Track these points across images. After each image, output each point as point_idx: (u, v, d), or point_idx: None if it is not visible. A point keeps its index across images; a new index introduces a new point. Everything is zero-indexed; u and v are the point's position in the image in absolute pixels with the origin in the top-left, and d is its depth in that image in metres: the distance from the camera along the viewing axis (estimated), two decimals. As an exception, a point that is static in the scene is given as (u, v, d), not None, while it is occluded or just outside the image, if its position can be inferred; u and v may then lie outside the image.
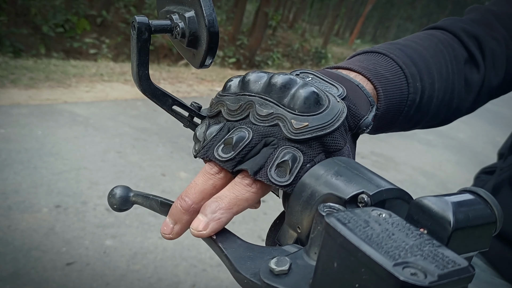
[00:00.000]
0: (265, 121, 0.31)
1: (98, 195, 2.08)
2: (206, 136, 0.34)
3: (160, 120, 3.24)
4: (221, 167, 0.31)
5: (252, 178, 0.30)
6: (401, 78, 0.43)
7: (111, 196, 0.34)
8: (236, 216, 0.32)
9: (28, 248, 1.63)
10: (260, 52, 8.60)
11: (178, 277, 1.68)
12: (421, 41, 0.50)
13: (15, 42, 5.31)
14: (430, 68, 0.47)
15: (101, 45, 6.29)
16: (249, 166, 0.30)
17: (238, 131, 0.31)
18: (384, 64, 0.43)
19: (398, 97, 0.42)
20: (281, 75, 0.32)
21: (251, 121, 0.32)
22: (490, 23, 0.55)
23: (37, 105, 3.05)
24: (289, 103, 0.31)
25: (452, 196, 0.25)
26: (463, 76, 0.51)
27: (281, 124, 0.31)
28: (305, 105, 0.31)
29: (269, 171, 0.30)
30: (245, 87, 0.33)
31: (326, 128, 0.31)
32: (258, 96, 0.32)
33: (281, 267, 0.24)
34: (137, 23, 0.31)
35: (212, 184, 0.31)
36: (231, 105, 0.33)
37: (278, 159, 0.30)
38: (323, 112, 0.31)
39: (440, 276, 0.17)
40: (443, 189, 3.40)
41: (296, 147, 0.30)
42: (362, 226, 0.20)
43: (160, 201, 0.34)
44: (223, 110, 0.34)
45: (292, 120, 0.30)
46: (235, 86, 0.34)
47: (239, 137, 0.31)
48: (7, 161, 2.19)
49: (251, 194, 0.30)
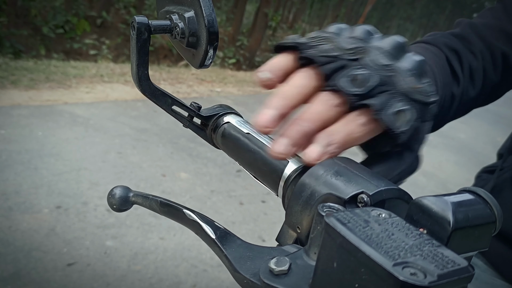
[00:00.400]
0: (384, 71, 0.31)
1: (99, 196, 2.08)
2: (319, 49, 0.32)
3: (160, 121, 3.24)
4: (345, 101, 0.31)
5: (369, 117, 0.30)
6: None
7: (110, 196, 0.34)
8: (236, 216, 0.32)
9: (29, 248, 1.63)
10: (260, 52, 8.60)
11: (179, 278, 1.68)
12: (421, 50, 0.51)
13: (15, 43, 5.31)
14: (436, 77, 0.48)
15: (101, 46, 6.29)
16: (373, 102, 0.30)
17: (364, 71, 0.31)
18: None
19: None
20: (395, 36, 0.33)
21: (369, 64, 0.31)
22: (467, 37, 0.56)
23: (38, 106, 3.05)
24: (403, 64, 0.32)
25: (451, 196, 0.25)
26: (449, 88, 0.53)
27: (398, 78, 0.31)
28: (418, 70, 0.32)
29: (389, 114, 0.30)
30: (357, 35, 0.33)
31: (431, 97, 0.32)
32: (373, 46, 0.32)
33: (280, 267, 0.24)
34: (137, 23, 0.31)
35: (333, 115, 0.31)
36: (344, 44, 0.32)
37: (398, 107, 0.30)
38: (428, 82, 0.32)
39: (439, 276, 0.17)
40: (443, 189, 3.40)
41: (411, 103, 0.31)
42: (362, 226, 0.20)
43: (160, 201, 0.34)
44: (328, 45, 0.32)
45: (409, 77, 0.31)
46: (341, 30, 0.34)
47: (368, 76, 0.30)
48: (7, 162, 2.20)
49: (365, 133, 0.30)
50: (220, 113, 0.40)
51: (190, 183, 2.43)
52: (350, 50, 0.32)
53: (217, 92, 4.79)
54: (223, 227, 0.31)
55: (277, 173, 0.33)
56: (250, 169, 0.36)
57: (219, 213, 2.19)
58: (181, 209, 0.32)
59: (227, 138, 0.39)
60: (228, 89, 5.09)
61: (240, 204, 2.32)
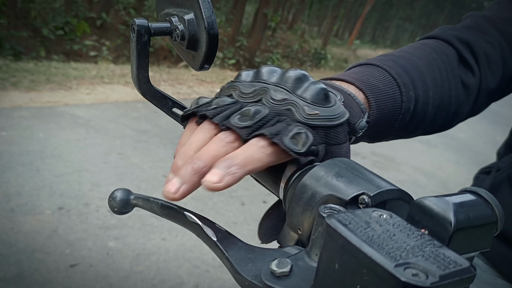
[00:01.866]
0: (278, 105, 0.33)
1: (100, 197, 2.08)
2: (215, 102, 0.34)
3: (161, 122, 3.24)
4: (238, 136, 0.32)
5: (268, 141, 0.31)
6: (394, 88, 0.45)
7: (111, 199, 0.34)
8: (237, 217, 0.32)
9: (31, 250, 1.63)
10: (260, 53, 8.60)
11: (181, 278, 1.68)
12: (414, 51, 0.52)
13: (15, 45, 5.32)
14: (424, 76, 0.49)
15: (101, 47, 6.29)
16: (267, 131, 0.31)
17: (255, 106, 0.33)
18: (377, 75, 0.45)
19: (391, 106, 0.45)
20: (295, 69, 0.35)
21: (264, 104, 0.34)
22: (482, 28, 0.57)
23: (38, 108, 3.05)
24: (302, 94, 0.34)
25: (452, 197, 0.25)
26: (459, 81, 0.53)
27: (294, 109, 0.33)
28: (317, 97, 0.34)
29: (285, 138, 0.31)
30: (260, 76, 0.36)
31: (333, 120, 0.34)
32: (272, 84, 0.35)
33: (282, 269, 0.24)
34: (137, 26, 0.31)
35: (225, 151, 0.31)
36: (245, 89, 0.35)
37: (293, 131, 0.32)
38: (331, 107, 0.34)
39: (441, 277, 0.17)
40: (444, 189, 3.40)
41: (307, 128, 0.32)
42: (363, 227, 0.20)
43: (161, 203, 0.34)
44: (235, 93, 0.35)
45: (304, 106, 0.33)
46: (248, 76, 0.37)
47: (257, 110, 0.32)
48: (9, 163, 2.20)
49: (265, 155, 0.31)
50: None
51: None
52: (249, 94, 0.34)
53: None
54: (224, 229, 0.31)
55: (277, 175, 0.34)
56: None
57: (220, 213, 2.19)
58: (182, 212, 0.32)
59: None
60: (229, 90, 5.09)
61: (241, 205, 2.32)
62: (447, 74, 0.51)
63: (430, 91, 0.49)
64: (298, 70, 0.35)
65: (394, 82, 0.45)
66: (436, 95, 0.50)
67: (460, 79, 0.53)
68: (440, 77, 0.51)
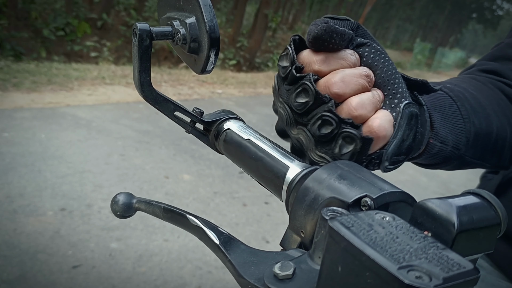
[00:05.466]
0: None
1: (103, 198, 2.09)
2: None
3: (162, 123, 3.24)
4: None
5: None
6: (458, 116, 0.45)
7: (114, 203, 0.34)
8: (239, 218, 0.32)
9: (34, 251, 1.64)
10: (260, 54, 8.59)
11: (184, 279, 1.68)
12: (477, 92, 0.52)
13: (16, 45, 5.32)
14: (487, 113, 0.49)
15: (102, 48, 6.30)
16: None
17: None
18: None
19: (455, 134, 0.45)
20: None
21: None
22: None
23: (40, 109, 3.06)
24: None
25: (456, 199, 0.25)
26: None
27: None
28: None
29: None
30: None
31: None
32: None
33: (285, 271, 0.24)
34: (139, 30, 0.31)
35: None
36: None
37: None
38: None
39: (445, 279, 0.17)
40: (445, 190, 3.39)
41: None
42: (366, 229, 0.20)
43: (163, 207, 0.34)
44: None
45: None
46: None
47: None
48: (11, 164, 2.20)
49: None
50: (222, 119, 0.40)
51: (193, 184, 2.43)
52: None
53: (218, 94, 4.79)
54: (226, 232, 0.31)
55: (279, 178, 0.33)
56: (253, 174, 0.36)
57: (223, 214, 2.19)
58: (184, 215, 0.32)
59: (229, 144, 0.38)
60: (229, 91, 5.10)
61: (243, 206, 2.32)
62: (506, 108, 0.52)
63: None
64: None
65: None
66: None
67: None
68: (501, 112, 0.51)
